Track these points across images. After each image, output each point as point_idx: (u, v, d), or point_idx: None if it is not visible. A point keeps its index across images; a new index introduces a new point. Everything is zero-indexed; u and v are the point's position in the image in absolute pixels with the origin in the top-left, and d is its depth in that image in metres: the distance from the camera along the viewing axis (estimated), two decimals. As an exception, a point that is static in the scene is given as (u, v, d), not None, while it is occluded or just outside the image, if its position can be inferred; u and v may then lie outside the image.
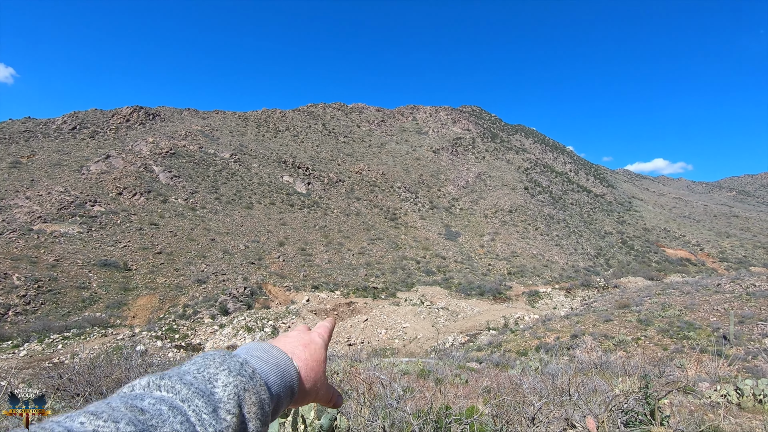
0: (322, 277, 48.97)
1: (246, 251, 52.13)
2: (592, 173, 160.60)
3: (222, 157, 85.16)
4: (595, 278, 61.99)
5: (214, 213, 62.88)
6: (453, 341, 34.27)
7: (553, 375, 5.78)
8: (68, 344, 28.34)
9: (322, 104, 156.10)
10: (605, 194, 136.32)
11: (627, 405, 3.25)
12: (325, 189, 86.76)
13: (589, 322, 28.95)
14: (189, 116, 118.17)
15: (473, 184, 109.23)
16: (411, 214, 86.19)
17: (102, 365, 11.01)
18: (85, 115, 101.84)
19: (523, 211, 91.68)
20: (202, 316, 36.24)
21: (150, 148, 77.08)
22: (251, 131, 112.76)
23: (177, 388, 0.56)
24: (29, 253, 40.89)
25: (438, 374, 10.90)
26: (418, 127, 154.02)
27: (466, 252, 69.80)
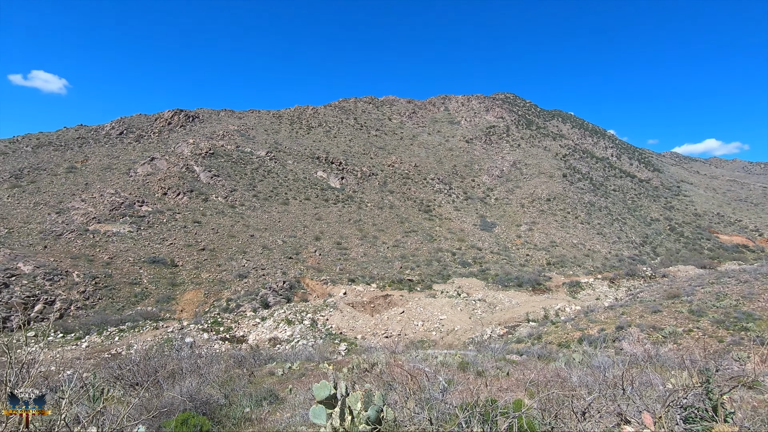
0: (358, 271, 49.51)
1: (284, 246, 53.48)
2: (635, 157, 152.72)
3: (258, 155, 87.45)
4: (641, 267, 59.20)
5: (253, 210, 64.81)
6: (491, 333, 33.83)
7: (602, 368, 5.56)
8: (124, 336, 30.25)
9: (354, 99, 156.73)
10: (651, 179, 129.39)
11: (686, 400, 3.08)
12: (359, 183, 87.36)
13: (636, 313, 27.75)
14: (226, 117, 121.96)
15: (508, 173, 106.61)
16: (445, 205, 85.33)
17: (156, 357, 11.69)
18: (131, 120, 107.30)
19: (562, 199, 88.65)
20: (245, 309, 37.60)
21: (191, 149, 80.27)
22: (285, 129, 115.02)
23: None
24: (86, 251, 43.79)
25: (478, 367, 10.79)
26: (450, 117, 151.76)
27: (503, 243, 68.43)
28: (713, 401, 3.02)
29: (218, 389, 8.90)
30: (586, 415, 3.21)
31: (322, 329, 33.74)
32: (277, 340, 31.49)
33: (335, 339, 31.91)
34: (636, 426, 2.69)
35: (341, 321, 35.64)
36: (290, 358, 19.32)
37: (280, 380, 13.17)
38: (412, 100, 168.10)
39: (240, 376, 12.61)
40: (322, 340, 31.21)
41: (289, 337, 32.11)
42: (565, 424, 3.24)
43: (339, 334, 33.27)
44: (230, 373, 12.99)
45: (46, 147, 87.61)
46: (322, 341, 30.98)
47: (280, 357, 21.03)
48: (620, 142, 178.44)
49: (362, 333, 34.12)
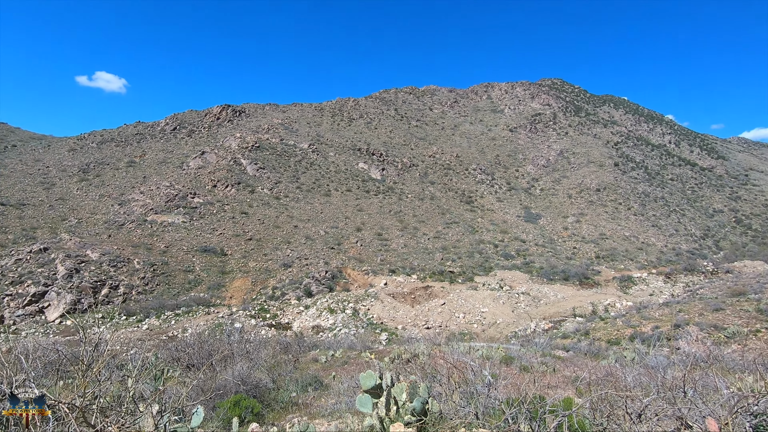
0: (399, 261, 49.71)
1: (326, 237, 54.62)
2: (697, 144, 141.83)
3: (301, 147, 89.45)
4: (702, 262, 55.25)
5: (296, 201, 66.58)
6: (535, 327, 32.95)
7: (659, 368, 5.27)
8: (179, 320, 32.25)
9: (394, 89, 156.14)
10: (714, 167, 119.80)
11: (757, 407, 2.84)
12: (399, 174, 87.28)
13: (695, 311, 26.02)
14: (270, 110, 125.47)
15: (555, 162, 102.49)
16: (487, 196, 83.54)
17: (209, 341, 12.39)
18: (183, 116, 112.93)
19: (613, 189, 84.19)
20: (289, 297, 38.89)
21: (238, 143, 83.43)
22: (327, 121, 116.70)
23: None
24: (145, 240, 46.88)
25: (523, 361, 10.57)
26: (493, 105, 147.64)
27: (548, 235, 66.13)
28: (789, 410, 2.78)
29: (266, 374, 9.30)
30: (642, 417, 3.05)
31: (364, 319, 34.28)
32: (320, 328, 32.37)
33: (376, 329, 32.34)
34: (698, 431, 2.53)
35: (382, 311, 36.02)
36: (333, 346, 19.84)
37: (324, 367, 13.56)
38: (453, 89, 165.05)
39: (286, 362, 13.11)
40: (364, 330, 31.73)
41: (331, 325, 32.90)
42: (619, 426, 3.11)
43: (380, 324, 33.67)
44: (277, 359, 13.54)
45: (109, 143, 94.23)
46: (364, 330, 31.50)
47: (323, 344, 21.64)
48: (679, 127, 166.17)
49: (403, 323, 34.34)
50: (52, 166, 77.25)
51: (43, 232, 49.35)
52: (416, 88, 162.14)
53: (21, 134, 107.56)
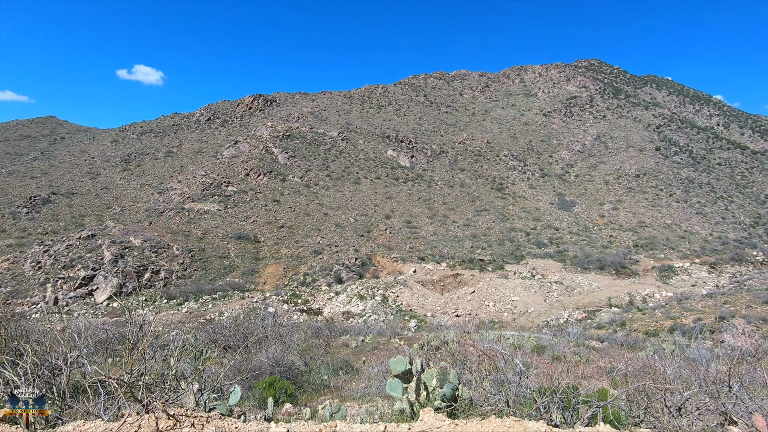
0: (428, 249, 49.60)
1: (355, 224, 55.11)
2: (748, 126, 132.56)
3: (330, 135, 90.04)
4: (751, 251, 52.16)
5: (326, 189, 67.35)
6: (568, 317, 32.26)
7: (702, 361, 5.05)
8: (216, 304, 33.59)
9: (423, 75, 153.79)
10: (767, 150, 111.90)
11: (810, 405, 2.68)
12: (429, 161, 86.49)
13: (742, 303, 24.74)
14: (300, 99, 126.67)
15: (591, 147, 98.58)
16: (519, 183, 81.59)
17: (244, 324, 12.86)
18: (217, 106, 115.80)
19: (654, 175, 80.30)
20: (320, 283, 39.67)
21: (269, 132, 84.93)
22: (356, 109, 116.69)
23: None
24: (183, 227, 48.83)
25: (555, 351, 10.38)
26: (526, 89, 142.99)
27: (583, 222, 64.07)
28: None
29: (299, 357, 9.58)
30: (682, 411, 2.94)
31: (393, 305, 34.56)
32: (350, 314, 32.92)
33: (405, 315, 32.56)
34: (744, 427, 2.41)
35: (411, 298, 36.18)
36: (363, 332, 20.16)
37: (354, 352, 13.82)
38: (484, 73, 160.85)
39: (317, 346, 13.45)
40: (393, 316, 32.03)
41: (361, 311, 33.38)
42: (657, 419, 3.01)
43: (409, 311, 33.87)
44: (309, 343, 13.91)
45: (148, 134, 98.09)
46: (393, 317, 31.80)
47: (353, 330, 22.02)
48: (729, 108, 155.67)
49: (432, 311, 34.40)
50: (97, 156, 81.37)
51: (90, 220, 52.29)
52: (446, 73, 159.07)
53: (68, 127, 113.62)
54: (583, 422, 2.85)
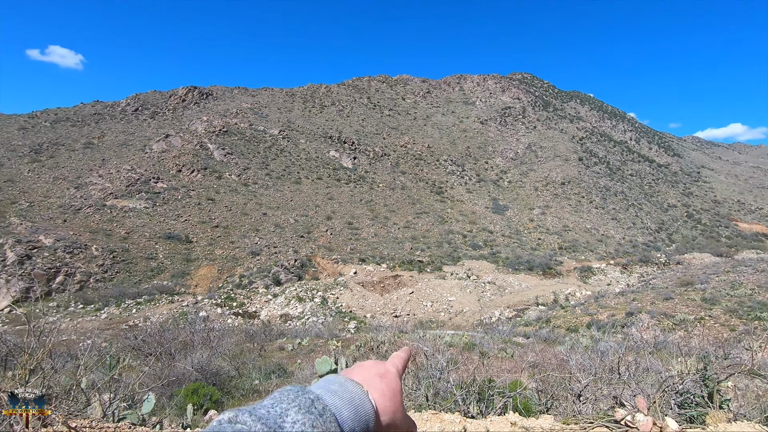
0: (369, 251, 49.88)
1: (296, 225, 54.02)
2: (655, 141, 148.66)
3: (271, 133, 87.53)
4: (656, 254, 58.41)
5: (265, 188, 65.33)
6: (500, 315, 34.03)
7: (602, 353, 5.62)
8: (141, 309, 31.23)
9: (367, 77, 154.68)
10: (670, 164, 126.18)
11: (683, 386, 3.10)
12: (371, 163, 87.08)
13: (647, 300, 27.58)
14: (239, 94, 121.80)
15: (523, 155, 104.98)
16: (457, 187, 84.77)
17: (170, 329, 12.09)
18: (146, 96, 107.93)
19: (577, 183, 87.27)
20: (257, 286, 38.37)
21: (204, 127, 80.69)
22: (298, 107, 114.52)
23: (249, 423, 0.59)
24: (104, 226, 44.87)
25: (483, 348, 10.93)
26: (465, 97, 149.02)
27: (515, 226, 68.00)
28: (709, 388, 3.04)
29: (229, 362, 9.21)
30: (582, 397, 3.26)
31: (332, 307, 34.32)
32: (288, 317, 32.19)
33: (345, 317, 32.47)
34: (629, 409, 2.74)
35: (351, 300, 36.16)
36: (300, 335, 19.81)
37: (290, 355, 13.55)
38: (426, 80, 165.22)
39: (251, 350, 13.01)
40: (332, 318, 31.79)
41: (299, 314, 32.77)
42: (561, 405, 3.31)
43: (349, 313, 33.82)
44: (241, 347, 13.41)
45: (64, 122, 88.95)
46: (332, 319, 31.57)
47: (291, 333, 21.58)
48: (640, 125, 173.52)
49: (372, 312, 34.63)
50: (0, 145, 72.28)
51: (-9, 216, 46.32)
52: (389, 77, 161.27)
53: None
54: (496, 412, 3.06)
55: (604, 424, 2.64)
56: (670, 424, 2.57)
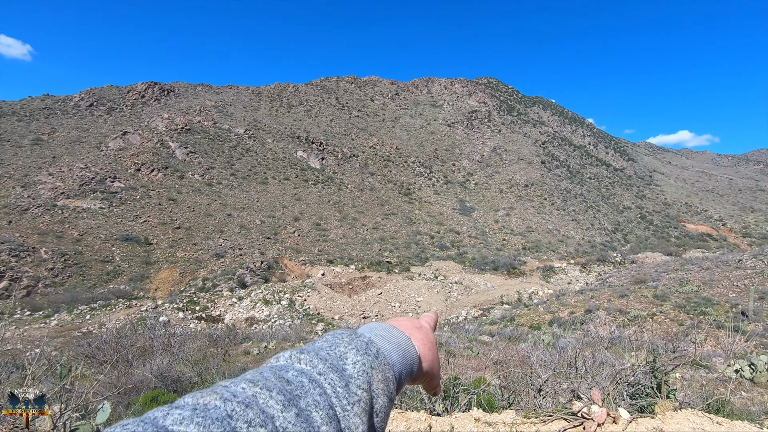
0: (337, 252, 49.59)
1: (262, 226, 52.94)
2: (612, 146, 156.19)
3: (236, 132, 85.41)
4: (612, 254, 61.30)
5: (230, 188, 63.66)
6: (466, 315, 34.66)
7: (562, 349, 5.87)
8: (95, 315, 29.64)
9: (336, 78, 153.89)
10: (625, 168, 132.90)
11: (634, 378, 3.30)
12: (339, 164, 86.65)
13: (604, 297, 28.85)
14: (203, 91, 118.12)
15: (489, 158, 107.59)
16: (425, 189, 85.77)
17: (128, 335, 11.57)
18: (101, 91, 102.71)
19: (540, 185, 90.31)
20: (221, 289, 37.31)
21: (166, 124, 77.71)
22: (265, 106, 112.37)
23: (314, 363, 0.62)
24: (54, 227, 42.30)
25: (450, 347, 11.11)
26: (433, 100, 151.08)
27: (481, 227, 69.53)
28: (658, 379, 3.24)
29: (191, 368, 8.90)
30: (542, 391, 3.40)
31: (300, 309, 33.86)
32: (254, 320, 31.49)
33: (312, 319, 32.12)
34: (586, 402, 2.87)
35: (319, 301, 35.82)
36: (266, 338, 19.41)
37: (255, 359, 13.26)
38: (395, 82, 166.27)
39: (214, 355, 12.63)
40: (300, 320, 31.37)
41: (266, 317, 32.13)
42: (523, 400, 3.43)
43: (316, 315, 33.47)
44: (204, 352, 13.00)
45: (9, 117, 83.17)
46: (300, 321, 31.14)
47: (257, 336, 21.10)
48: (598, 130, 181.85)
49: (340, 314, 34.43)
50: (-64, 140, 66.75)
51: (-76, 217, 42.69)
52: (358, 77, 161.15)
53: None
54: (461, 408, 3.14)
55: (562, 417, 2.76)
56: (623, 414, 2.72)
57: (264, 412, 0.49)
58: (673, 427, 2.74)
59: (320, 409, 0.55)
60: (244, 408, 0.48)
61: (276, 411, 0.51)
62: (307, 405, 0.55)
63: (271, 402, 0.51)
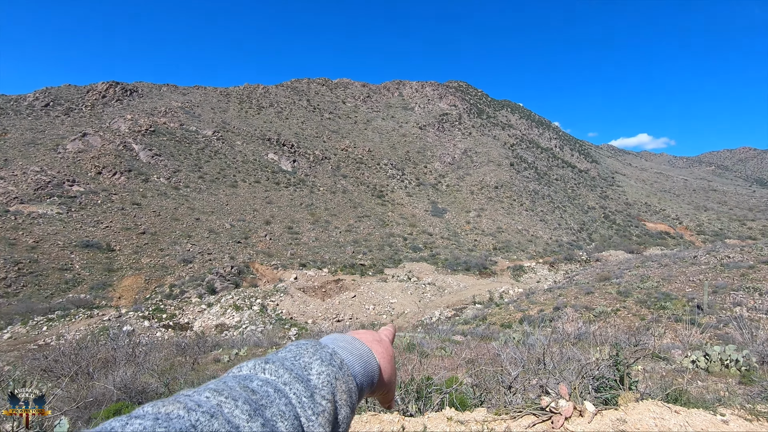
0: (310, 255, 49.06)
1: (232, 230, 51.74)
2: (576, 149, 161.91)
3: (204, 134, 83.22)
4: (578, 252, 63.43)
5: (198, 192, 61.91)
6: (439, 315, 34.98)
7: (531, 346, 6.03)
8: (53, 326, 28.10)
9: (307, 80, 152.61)
10: (589, 170, 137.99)
11: (599, 372, 3.43)
12: (311, 166, 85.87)
13: (571, 295, 29.77)
14: (168, 92, 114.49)
15: (459, 160, 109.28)
16: (398, 191, 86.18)
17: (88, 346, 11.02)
18: (58, 91, 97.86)
19: (509, 187, 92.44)
20: (190, 295, 36.18)
21: (129, 126, 74.81)
22: (234, 108, 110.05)
23: (280, 373, 0.62)
24: (7, 234, 39.88)
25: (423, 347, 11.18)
26: (405, 102, 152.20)
27: (453, 228, 70.47)
28: (621, 372, 3.38)
29: (157, 378, 8.57)
30: (512, 388, 3.47)
31: (272, 314, 33.26)
32: (224, 327, 30.68)
33: (285, 324, 31.60)
34: (554, 396, 2.96)
35: (292, 306, 35.30)
36: (237, 345, 18.95)
37: (226, 367, 12.91)
38: (366, 84, 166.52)
39: (182, 364, 12.21)
40: (272, 326, 30.79)
41: (237, 323, 31.37)
42: (494, 397, 3.50)
43: (289, 319, 32.97)
44: (171, 361, 12.55)
45: (-44, 117, 78.00)
46: (272, 326, 30.57)
47: (227, 343, 20.56)
48: (563, 133, 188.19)
49: (313, 318, 34.05)
50: None
51: None
52: (329, 80, 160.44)
53: None
54: (434, 408, 3.17)
55: (531, 412, 2.83)
56: (588, 407, 2.81)
57: (230, 422, 0.48)
58: (635, 417, 2.86)
59: (286, 420, 0.55)
60: (209, 418, 0.47)
61: (242, 421, 0.50)
62: (273, 415, 0.54)
63: (237, 412, 0.51)
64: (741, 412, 3.13)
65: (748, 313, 18.81)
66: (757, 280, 23.50)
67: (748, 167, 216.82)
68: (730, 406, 3.37)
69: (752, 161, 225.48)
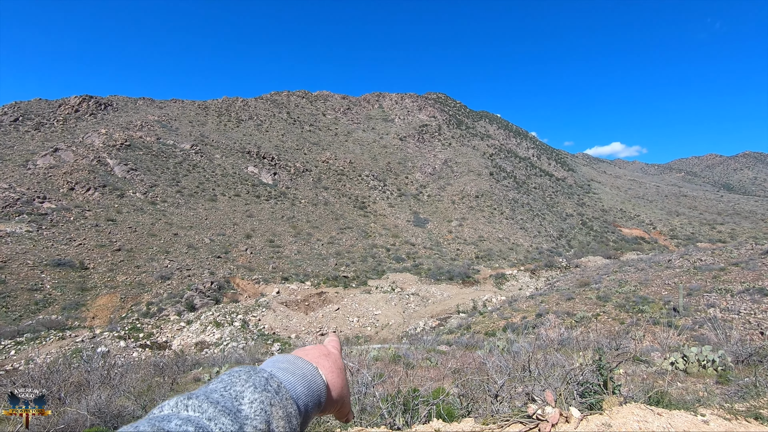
0: (292, 269, 48.46)
1: (211, 245, 50.74)
2: (553, 158, 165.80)
3: (182, 148, 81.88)
4: (558, 259, 64.53)
5: (176, 207, 60.64)
6: (424, 326, 34.91)
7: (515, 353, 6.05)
8: (22, 350, 26.83)
9: (286, 92, 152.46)
10: (566, 178, 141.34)
11: (583, 377, 3.46)
12: (292, 179, 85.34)
13: (553, 301, 30.18)
14: (144, 106, 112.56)
15: (440, 170, 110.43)
16: (380, 202, 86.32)
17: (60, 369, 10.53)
18: (28, 105, 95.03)
19: (489, 196, 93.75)
20: (168, 313, 35.14)
21: (103, 140, 73.02)
22: (212, 121, 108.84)
23: (204, 407, 0.57)
24: (-28, 255, 38.10)
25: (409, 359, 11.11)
26: (385, 114, 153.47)
27: (435, 238, 70.82)
28: (604, 376, 3.43)
29: (134, 400, 8.24)
30: (499, 397, 3.47)
31: (254, 330, 32.58)
32: (204, 344, 29.86)
33: (268, 339, 30.99)
34: (540, 403, 2.97)
35: (274, 321, 34.68)
36: (219, 362, 18.45)
37: (206, 386, 12.52)
38: (346, 96, 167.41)
39: (160, 385, 11.79)
40: (254, 342, 30.13)
41: (218, 340, 30.59)
42: (481, 407, 3.48)
43: (272, 335, 32.35)
44: (149, 382, 12.11)
45: None
46: (254, 342, 29.91)
47: (208, 362, 20.00)
48: (540, 143, 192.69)
49: (296, 332, 33.50)
50: None
51: None
52: (309, 92, 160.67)
53: None
54: (422, 421, 3.13)
55: (518, 420, 2.82)
56: (574, 412, 2.83)
57: None
58: (619, 422, 2.89)
59: None
60: None
61: None
62: None
63: None
64: (720, 411, 3.20)
65: (721, 314, 19.41)
66: (728, 282, 24.32)
67: (716, 173, 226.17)
68: (709, 406, 3.45)
69: (719, 167, 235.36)
